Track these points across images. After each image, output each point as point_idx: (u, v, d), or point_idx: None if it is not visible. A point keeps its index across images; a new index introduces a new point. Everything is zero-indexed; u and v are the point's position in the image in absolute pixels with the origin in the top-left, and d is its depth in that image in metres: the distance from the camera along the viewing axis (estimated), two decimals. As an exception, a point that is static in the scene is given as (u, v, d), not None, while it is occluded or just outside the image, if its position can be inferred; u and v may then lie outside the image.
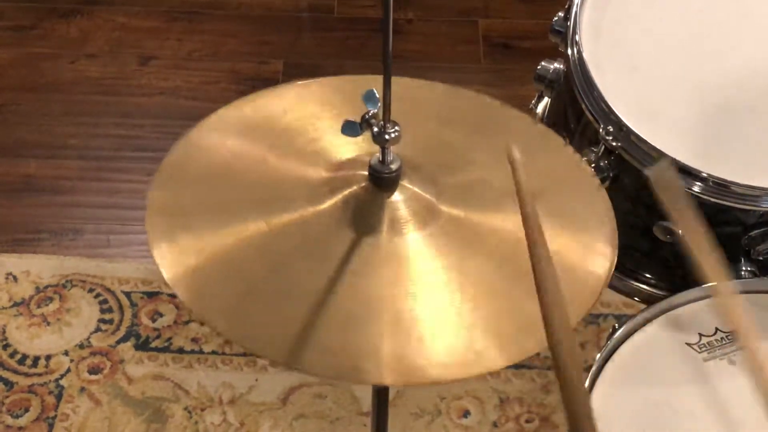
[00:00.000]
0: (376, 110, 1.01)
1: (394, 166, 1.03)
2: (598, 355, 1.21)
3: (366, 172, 1.05)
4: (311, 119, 1.14)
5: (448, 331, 0.97)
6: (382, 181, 1.04)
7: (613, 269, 1.04)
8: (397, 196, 1.04)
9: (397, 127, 1.01)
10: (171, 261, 1.00)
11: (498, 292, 1.00)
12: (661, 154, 1.28)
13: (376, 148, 1.04)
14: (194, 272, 0.99)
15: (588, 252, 1.06)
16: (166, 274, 0.98)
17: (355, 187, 1.05)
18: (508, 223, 1.05)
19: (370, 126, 1.01)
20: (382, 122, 1.01)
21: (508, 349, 0.97)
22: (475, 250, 1.03)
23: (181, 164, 1.10)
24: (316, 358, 0.95)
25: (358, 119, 1.02)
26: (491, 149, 1.14)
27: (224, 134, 1.13)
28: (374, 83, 1.02)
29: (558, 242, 1.05)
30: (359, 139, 1.05)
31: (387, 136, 1.01)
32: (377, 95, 1.01)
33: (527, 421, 1.88)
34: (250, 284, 1.00)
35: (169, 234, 1.02)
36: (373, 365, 0.95)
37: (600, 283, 1.03)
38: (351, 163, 1.08)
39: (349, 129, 1.02)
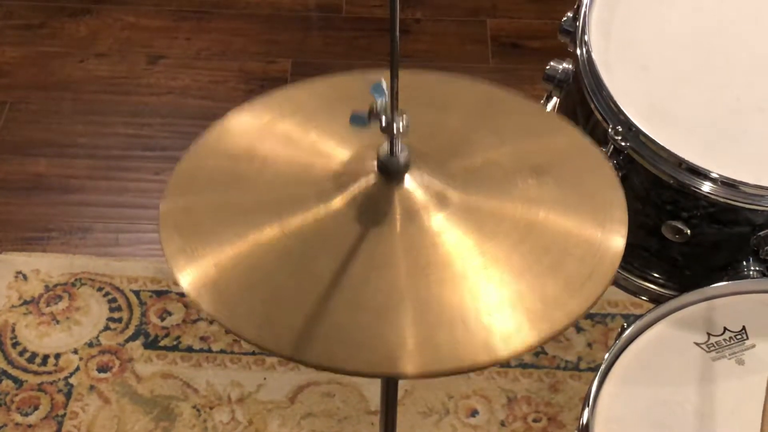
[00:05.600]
0: (383, 101, 1.01)
1: (402, 157, 1.04)
2: (607, 355, 1.22)
3: (373, 165, 1.05)
4: (309, 121, 1.14)
5: (478, 314, 0.97)
6: (391, 172, 1.04)
7: (625, 240, 1.05)
8: (407, 186, 1.04)
9: (405, 118, 1.01)
10: (192, 276, 1.00)
11: (519, 271, 1.00)
12: (671, 154, 1.28)
13: (378, 141, 1.04)
14: (216, 285, 1.00)
15: (602, 224, 1.06)
16: (189, 290, 0.99)
17: (364, 181, 1.05)
18: (520, 202, 1.06)
19: (378, 117, 1.01)
20: (390, 113, 1.01)
21: (539, 326, 0.97)
22: (491, 232, 1.03)
23: (188, 178, 1.10)
24: (351, 356, 0.95)
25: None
26: (492, 130, 1.15)
27: (227, 144, 1.13)
28: (365, 81, 1.03)
29: (573, 217, 1.06)
30: (361, 135, 1.05)
31: (396, 127, 1.01)
32: (384, 87, 1.01)
33: (535, 421, 1.88)
34: (272, 289, 1.00)
35: (186, 250, 1.02)
36: (408, 356, 0.95)
37: (617, 253, 1.03)
38: (356, 158, 1.08)
39: (357, 121, 1.02)
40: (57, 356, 1.97)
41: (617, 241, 1.04)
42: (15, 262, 2.11)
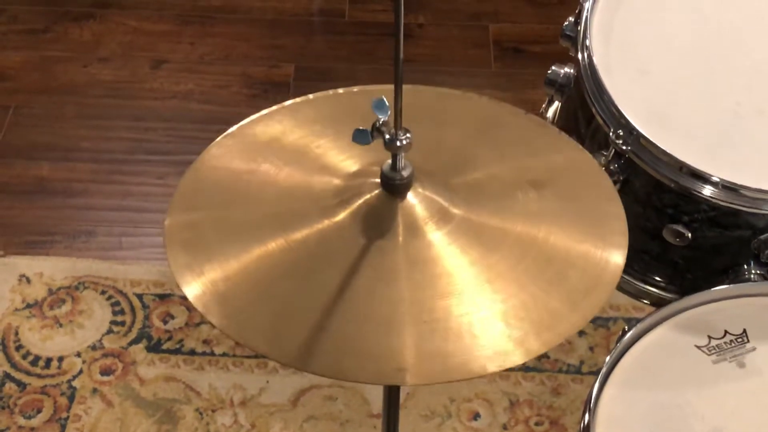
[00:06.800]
0: (385, 118, 1.02)
1: (405, 172, 1.05)
2: (608, 358, 1.22)
3: (376, 181, 1.06)
4: (311, 137, 1.15)
5: (485, 324, 0.98)
6: (394, 187, 1.05)
7: (626, 252, 1.05)
8: (410, 201, 1.05)
9: (408, 134, 1.02)
10: (200, 291, 1.00)
11: (523, 284, 1.02)
12: (671, 158, 1.29)
13: (380, 158, 1.05)
14: (224, 299, 1.00)
15: (602, 236, 1.07)
16: (198, 304, 0.99)
17: (367, 196, 1.06)
18: (521, 216, 1.07)
19: (381, 133, 1.02)
20: (393, 129, 1.02)
21: (544, 335, 0.98)
22: (494, 246, 1.04)
23: (192, 194, 1.11)
24: (359, 366, 0.97)
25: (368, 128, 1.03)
26: (493, 145, 1.16)
27: (229, 161, 1.14)
28: (366, 96, 1.04)
29: (574, 230, 1.07)
30: (362, 150, 1.06)
31: (399, 143, 1.02)
32: (386, 103, 1.02)
33: (537, 424, 1.88)
34: (279, 302, 1.00)
35: (193, 266, 1.02)
36: (416, 366, 0.96)
37: (618, 264, 1.04)
38: (359, 173, 1.09)
39: (360, 137, 1.03)
40: (60, 359, 1.97)
41: (618, 252, 1.05)
42: (18, 265, 2.11)
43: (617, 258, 1.05)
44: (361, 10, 2.71)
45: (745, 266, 1.34)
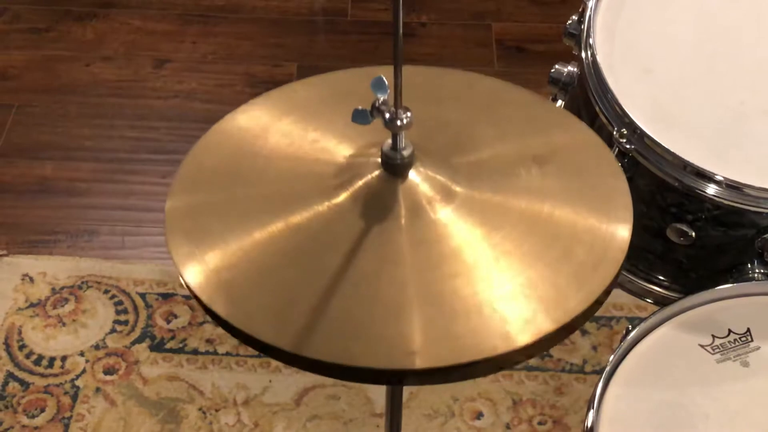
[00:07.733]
0: (385, 97, 1.01)
1: (406, 152, 1.03)
2: (612, 357, 1.22)
3: (376, 161, 1.05)
4: (311, 118, 1.14)
5: (493, 304, 0.97)
6: (395, 167, 1.04)
7: (632, 226, 1.05)
8: (411, 181, 1.04)
9: (408, 113, 1.01)
10: (203, 280, 1.00)
11: (530, 260, 1.00)
12: (675, 157, 1.28)
13: (380, 138, 1.04)
14: (228, 287, 0.99)
15: (607, 211, 1.06)
16: (202, 295, 0.98)
17: (368, 177, 1.05)
18: (525, 193, 1.06)
19: (380, 113, 1.01)
20: (393, 108, 1.01)
21: (554, 312, 0.97)
22: (499, 224, 1.03)
23: (192, 179, 1.10)
24: (369, 351, 0.95)
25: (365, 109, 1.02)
26: (494, 123, 1.15)
27: (229, 144, 1.14)
28: (364, 77, 1.03)
29: (579, 206, 1.06)
30: (361, 131, 1.05)
31: (399, 122, 1.01)
32: (386, 82, 1.01)
33: (540, 423, 1.88)
34: (285, 289, 0.99)
35: (195, 254, 1.01)
36: (427, 348, 0.95)
37: (625, 239, 1.03)
38: (358, 155, 1.08)
39: (359, 117, 1.02)
40: (63, 358, 1.97)
41: (624, 226, 1.04)
42: (21, 264, 2.12)
43: (623, 232, 1.04)
44: (364, 9, 2.71)
45: (749, 265, 1.34)
